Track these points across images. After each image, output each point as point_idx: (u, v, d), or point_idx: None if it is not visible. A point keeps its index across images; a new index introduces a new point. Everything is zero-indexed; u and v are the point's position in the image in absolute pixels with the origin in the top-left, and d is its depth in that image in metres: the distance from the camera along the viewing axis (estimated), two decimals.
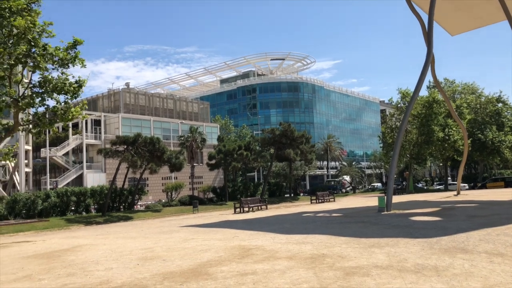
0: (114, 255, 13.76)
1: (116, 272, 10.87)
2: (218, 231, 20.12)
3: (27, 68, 19.25)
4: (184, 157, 42.62)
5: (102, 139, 57.22)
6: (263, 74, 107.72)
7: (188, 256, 12.80)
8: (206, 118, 76.37)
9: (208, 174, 64.98)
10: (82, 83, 19.71)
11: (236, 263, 11.17)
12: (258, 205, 37.49)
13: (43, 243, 19.07)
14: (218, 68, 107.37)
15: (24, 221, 29.35)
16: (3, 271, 11.92)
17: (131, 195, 39.52)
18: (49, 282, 10.08)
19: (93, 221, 31.70)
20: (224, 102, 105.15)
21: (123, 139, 36.86)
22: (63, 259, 13.51)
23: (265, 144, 52.94)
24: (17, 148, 45.03)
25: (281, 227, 20.31)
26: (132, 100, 64.76)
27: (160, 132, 62.53)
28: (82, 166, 55.26)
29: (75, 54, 19.18)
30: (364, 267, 9.89)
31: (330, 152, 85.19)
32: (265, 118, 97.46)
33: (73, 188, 35.79)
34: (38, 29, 18.21)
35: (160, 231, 22.08)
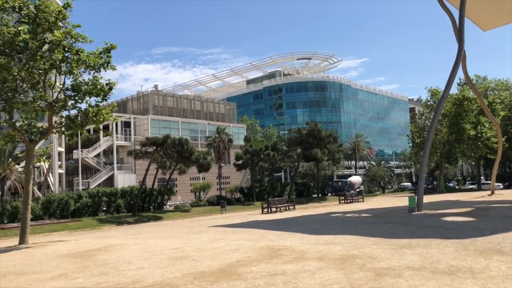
0: (145, 255, 14.00)
1: (148, 271, 11.05)
2: (246, 231, 20.18)
3: (60, 73, 19.81)
4: (211, 157, 42.97)
5: (132, 140, 58.34)
6: (289, 74, 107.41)
7: (217, 256, 12.89)
8: (233, 119, 76.75)
9: (235, 174, 65.27)
10: (112, 86, 20.15)
11: (265, 264, 11.17)
12: (285, 205, 37.39)
13: (77, 242, 19.58)
14: (244, 69, 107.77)
15: (58, 221, 30.24)
16: (40, 269, 12.32)
17: (160, 196, 40.14)
18: (83, 281, 10.34)
19: (124, 221, 32.34)
20: (250, 103, 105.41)
21: (153, 141, 37.46)
22: (96, 259, 13.84)
23: (292, 144, 52.73)
24: (51, 150, 46.48)
25: (310, 228, 20.19)
26: (160, 102, 65.78)
27: (188, 133, 63.21)
28: (113, 167, 56.49)
29: (107, 59, 19.63)
30: (396, 268, 9.72)
31: (358, 151, 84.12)
32: (292, 118, 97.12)
33: (105, 189, 36.65)
34: (74, 37, 18.74)
35: (190, 231, 22.33)
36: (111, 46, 19.77)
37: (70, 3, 19.37)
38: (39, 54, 17.84)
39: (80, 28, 19.33)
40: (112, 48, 19.81)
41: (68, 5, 19.36)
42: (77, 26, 19.06)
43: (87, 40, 19.50)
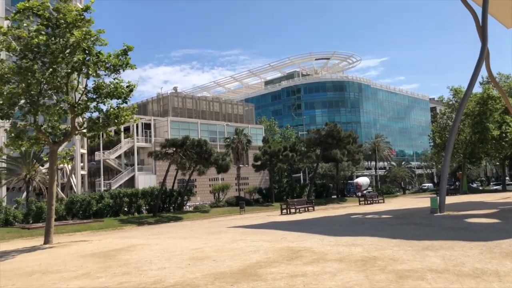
0: (166, 255, 14.14)
1: (169, 271, 11.16)
2: (265, 232, 20.18)
3: (82, 75, 20.18)
4: (230, 158, 43.16)
5: (152, 142, 59.01)
6: (308, 74, 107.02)
7: (237, 256, 12.92)
8: (251, 120, 76.86)
9: (254, 175, 65.31)
10: (133, 88, 20.43)
11: (285, 265, 11.15)
12: (304, 207, 37.25)
13: (99, 242, 19.91)
14: (263, 70, 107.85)
15: (81, 221, 30.80)
16: (64, 269, 12.56)
17: (180, 196, 40.49)
18: (106, 280, 10.50)
19: (145, 221, 32.72)
20: (268, 104, 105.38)
21: (172, 142, 37.83)
22: (118, 258, 14.04)
23: (311, 145, 52.47)
24: (74, 152, 47.37)
25: (330, 229, 20.06)
26: (180, 103, 66.38)
27: (207, 134, 63.59)
28: (133, 169, 57.23)
29: (126, 60, 19.90)
30: (418, 270, 9.57)
31: (378, 152, 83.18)
32: (310, 119, 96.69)
33: (126, 190, 37.17)
34: (92, 38, 19.08)
35: (209, 231, 22.45)
36: (128, 48, 20.03)
37: (90, 6, 19.71)
38: (60, 57, 18.20)
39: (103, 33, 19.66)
40: (129, 49, 20.06)
41: (88, 7, 19.69)
42: (101, 32, 19.39)
43: (104, 43, 19.77)
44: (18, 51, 18.19)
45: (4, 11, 47.69)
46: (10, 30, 18.14)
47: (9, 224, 28.62)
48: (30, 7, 18.53)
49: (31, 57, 18.17)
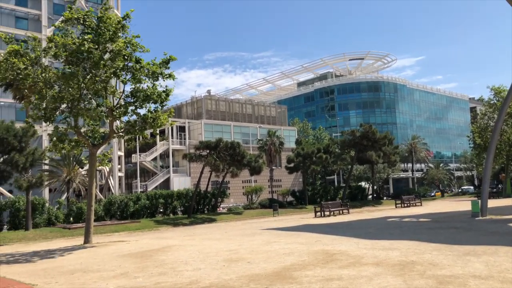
0: (201, 256, 14.31)
1: (204, 272, 11.28)
2: (299, 234, 20.07)
3: (120, 80, 20.76)
4: (263, 160, 43.16)
5: (187, 144, 59.88)
6: (341, 75, 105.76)
7: (271, 259, 12.91)
8: (284, 122, 76.69)
9: (287, 177, 65.05)
10: (169, 92, 20.86)
11: (321, 268, 11.05)
12: (339, 209, 36.79)
13: (136, 243, 20.37)
14: (295, 71, 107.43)
15: (119, 222, 31.60)
16: (104, 268, 12.93)
17: (214, 198, 40.87)
18: (143, 280, 10.73)
19: (180, 222, 33.21)
20: (301, 105, 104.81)
21: (206, 144, 38.25)
22: (154, 259, 14.31)
23: (345, 147, 51.77)
24: (111, 154, 48.76)
25: (365, 232, 19.74)
26: (213, 106, 67.10)
27: (240, 136, 63.92)
28: (169, 170, 58.25)
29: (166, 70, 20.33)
30: (460, 276, 9.26)
31: (415, 153, 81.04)
32: (344, 120, 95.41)
33: (161, 191, 37.88)
34: (133, 46, 19.62)
35: (243, 233, 22.54)
36: (171, 58, 20.44)
37: (129, 14, 20.30)
38: (101, 63, 18.82)
39: (138, 38, 20.19)
40: (171, 59, 20.50)
41: (128, 16, 20.30)
42: (137, 37, 19.92)
43: (145, 49, 20.33)
44: (63, 58, 18.94)
45: (47, 20, 49.73)
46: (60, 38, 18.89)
47: (51, 224, 29.73)
48: (77, 18, 19.29)
49: (75, 63, 18.86)
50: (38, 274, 12.40)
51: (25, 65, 18.56)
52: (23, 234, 25.76)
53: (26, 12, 50.07)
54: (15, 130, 23.80)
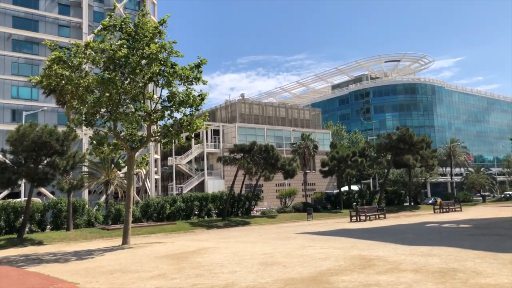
0: (236, 259, 14.38)
1: (240, 275, 11.33)
2: (335, 239, 19.83)
3: (157, 85, 21.22)
4: (297, 164, 42.92)
5: (221, 147, 60.50)
6: (377, 77, 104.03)
7: (307, 263, 12.82)
8: (318, 125, 76.15)
9: (321, 181, 64.49)
10: (204, 96, 21.16)
11: (358, 273, 10.87)
12: (375, 214, 36.11)
13: (172, 244, 20.70)
14: (329, 74, 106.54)
15: (155, 223, 32.23)
16: (142, 269, 13.21)
17: (248, 201, 41.02)
18: (180, 282, 10.89)
19: (214, 225, 33.51)
20: (336, 108, 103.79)
21: (240, 147, 38.47)
22: (191, 261, 14.50)
23: (381, 150, 50.77)
24: (148, 157, 49.86)
25: (403, 238, 19.28)
26: (247, 110, 67.53)
27: (273, 139, 63.95)
28: (203, 173, 59.02)
29: (198, 74, 20.68)
30: (506, 286, 8.88)
31: (454, 157, 78.50)
32: (380, 123, 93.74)
33: (196, 194, 38.38)
34: (167, 51, 20.06)
35: (277, 237, 22.49)
36: (201, 61, 20.81)
37: (165, 19, 20.75)
38: (138, 68, 19.32)
39: (175, 44, 20.61)
40: (202, 63, 20.86)
41: (164, 21, 20.75)
42: (174, 43, 20.34)
43: (179, 54, 20.74)
44: (101, 64, 19.59)
45: (87, 28, 51.56)
46: (97, 44, 19.56)
47: (91, 224, 30.67)
48: (114, 24, 19.93)
49: (113, 69, 19.47)
50: (80, 273, 12.81)
51: (67, 71, 19.29)
52: (64, 234, 26.70)
53: (68, 21, 52.10)
54: (57, 134, 24.69)
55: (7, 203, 27.55)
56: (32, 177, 24.29)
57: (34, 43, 49.11)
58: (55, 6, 51.70)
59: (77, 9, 52.54)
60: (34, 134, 23.55)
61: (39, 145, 23.77)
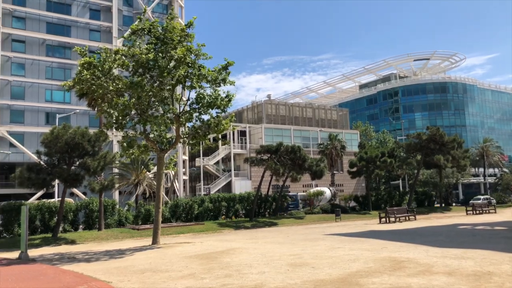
0: (264, 259, 14.40)
1: (269, 276, 11.34)
2: (364, 241, 19.59)
3: (185, 87, 21.52)
4: (324, 164, 42.60)
5: (247, 148, 60.68)
6: (406, 76, 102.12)
7: (336, 265, 12.72)
8: (345, 125, 75.37)
9: (349, 182, 63.78)
10: (231, 98, 21.32)
11: (388, 275, 10.72)
12: (405, 215, 35.44)
13: (201, 245, 20.91)
14: (357, 73, 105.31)
15: (184, 223, 32.63)
16: (171, 268, 13.41)
17: (275, 202, 40.99)
18: (210, 281, 10.99)
19: (242, 225, 33.65)
20: (363, 108, 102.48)
21: (267, 148, 38.50)
22: (220, 261, 14.62)
23: (411, 150, 49.82)
24: (177, 158, 50.61)
25: (435, 240, 18.86)
26: (273, 110, 67.53)
27: (300, 140, 63.68)
28: (230, 174, 59.34)
29: (225, 75, 20.87)
30: None
31: (487, 157, 76.15)
32: (409, 122, 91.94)
33: (224, 195, 38.64)
34: (195, 53, 20.34)
35: (305, 238, 22.40)
36: (228, 63, 20.99)
37: (192, 22, 21.02)
38: (166, 71, 19.64)
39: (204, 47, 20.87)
40: (229, 64, 21.05)
41: (191, 24, 21.03)
42: (202, 45, 20.60)
43: (207, 56, 20.98)
44: (130, 67, 20.03)
45: (117, 32, 52.73)
46: (127, 50, 20.00)
47: (121, 224, 31.32)
48: (142, 28, 20.35)
49: (141, 72, 19.86)
50: (112, 272, 13.11)
51: (97, 76, 19.80)
52: (96, 234, 27.36)
53: (99, 25, 53.43)
54: (89, 136, 25.37)
55: (42, 203, 28.48)
56: (65, 178, 25.01)
57: (67, 48, 50.60)
58: (86, 12, 53.12)
59: (107, 14, 53.83)
60: (67, 136, 24.27)
61: (71, 147, 24.48)
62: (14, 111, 48.04)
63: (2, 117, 46.76)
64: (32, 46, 49.54)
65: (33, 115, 48.93)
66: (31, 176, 24.02)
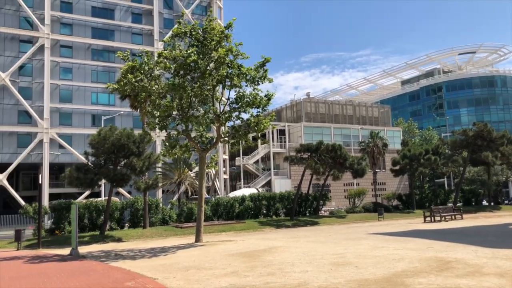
0: (307, 258, 14.36)
1: (312, 275, 11.31)
2: (409, 240, 19.13)
3: (225, 87, 21.80)
4: (366, 163, 41.86)
5: (287, 147, 60.63)
6: (450, 70, 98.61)
7: (380, 264, 12.50)
8: (387, 122, 73.77)
9: (392, 180, 62.44)
10: (271, 96, 21.40)
11: (435, 276, 10.43)
12: (451, 214, 34.28)
13: (243, 243, 21.10)
14: (398, 69, 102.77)
15: (225, 222, 33.02)
16: (215, 266, 13.63)
17: (315, 201, 40.72)
18: (253, 279, 11.09)
19: (283, 224, 33.65)
20: (406, 104, 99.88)
21: (307, 147, 38.28)
22: (262, 259, 14.71)
23: (456, 147, 48.05)
24: (218, 157, 51.32)
25: (484, 240, 18.14)
26: (312, 109, 67.12)
27: (340, 138, 62.97)
28: (270, 173, 59.52)
29: (264, 73, 20.99)
30: None
31: None
32: (454, 118, 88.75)
33: (264, 193, 38.75)
34: (234, 53, 20.57)
35: (348, 237, 22.13)
36: (266, 60, 21.10)
37: (231, 23, 21.26)
38: (207, 72, 19.98)
39: (241, 46, 21.06)
40: (266, 61, 21.14)
41: (230, 25, 21.27)
42: (239, 44, 20.80)
43: (245, 56, 21.16)
44: (172, 69, 20.52)
45: (158, 34, 54.08)
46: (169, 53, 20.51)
47: (165, 223, 32.08)
48: (183, 31, 20.80)
49: (183, 74, 20.30)
50: (157, 269, 13.48)
51: (140, 79, 20.41)
52: (141, 232, 28.17)
53: (141, 28, 54.99)
54: (134, 137, 26.16)
55: (89, 202, 29.64)
56: (111, 178, 25.91)
57: (111, 52, 52.42)
58: (128, 16, 54.82)
59: (149, 17, 55.32)
60: (113, 137, 25.13)
61: (117, 147, 25.32)
62: (62, 113, 50.30)
63: (52, 120, 49.06)
64: (79, 51, 51.67)
65: (80, 117, 51.04)
66: (79, 176, 25.04)
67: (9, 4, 48.57)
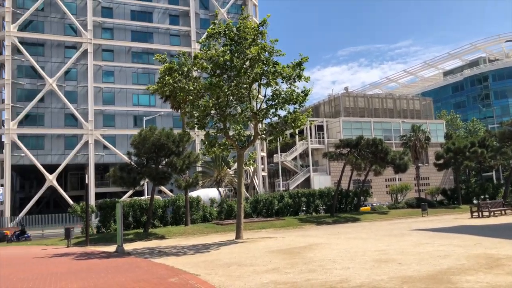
0: (348, 255, 14.18)
1: (353, 272, 11.15)
2: (455, 236, 18.49)
3: (261, 85, 21.84)
4: (408, 157, 40.78)
5: (325, 143, 60.02)
6: (496, 59, 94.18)
7: (424, 261, 12.16)
8: (429, 115, 71.53)
9: (435, 174, 60.54)
10: (308, 92, 21.24)
11: (484, 273, 10.02)
12: (501, 210, 32.80)
13: (283, 240, 21.11)
14: (440, 60, 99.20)
15: (265, 219, 33.14)
16: (256, 263, 13.71)
17: (356, 197, 40.11)
18: (294, 276, 11.07)
19: (323, 221, 33.38)
20: (449, 96, 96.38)
21: (346, 142, 37.73)
22: (302, 256, 14.66)
23: (505, 139, 45.86)
24: (256, 155, 51.53)
25: None
26: (351, 103, 66.05)
27: (381, 133, 61.64)
28: (308, 170, 59.13)
29: (300, 72, 20.86)
30: None
31: None
32: (502, 109, 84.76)
33: (303, 190, 38.60)
34: (269, 50, 20.55)
35: (390, 233, 21.66)
36: (303, 59, 20.93)
37: (266, 20, 21.23)
38: (242, 71, 20.08)
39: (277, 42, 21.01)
40: (304, 60, 20.98)
41: (264, 22, 21.25)
42: (275, 41, 20.76)
43: (281, 53, 21.11)
44: (209, 69, 20.78)
45: (195, 35, 54.88)
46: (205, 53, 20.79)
47: (206, 220, 32.60)
48: (218, 31, 21.02)
49: (219, 73, 20.51)
50: (199, 266, 13.72)
51: (179, 79, 20.81)
52: (183, 229, 28.75)
53: (178, 30, 56.01)
54: (173, 136, 26.69)
55: (133, 201, 30.57)
56: (153, 177, 26.58)
57: (150, 54, 53.69)
58: (166, 18, 55.95)
59: (186, 18, 56.22)
60: (153, 137, 25.76)
61: (158, 147, 25.94)
62: (106, 115, 52.09)
63: (96, 122, 50.91)
64: (119, 54, 53.29)
65: (123, 119, 52.68)
66: (123, 175, 25.85)
67: (55, 13, 50.76)
